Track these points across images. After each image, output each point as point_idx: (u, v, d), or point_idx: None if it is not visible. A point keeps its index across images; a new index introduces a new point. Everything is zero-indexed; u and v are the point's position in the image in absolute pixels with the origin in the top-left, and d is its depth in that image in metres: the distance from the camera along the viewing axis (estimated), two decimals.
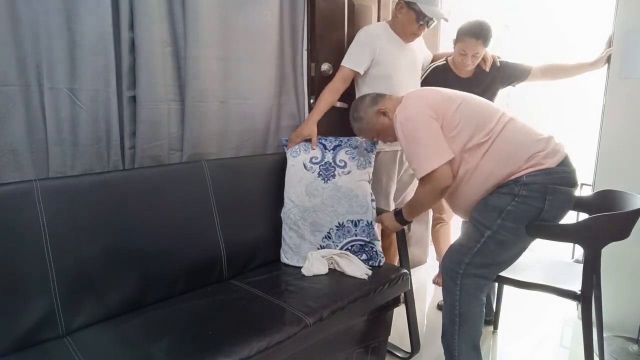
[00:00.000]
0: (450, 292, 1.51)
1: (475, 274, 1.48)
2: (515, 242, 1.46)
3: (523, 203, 1.40)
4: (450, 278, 1.50)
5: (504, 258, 1.50)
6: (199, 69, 1.69)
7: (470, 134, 1.46)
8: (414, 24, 1.91)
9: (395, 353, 1.89)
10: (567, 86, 4.09)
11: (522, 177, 1.40)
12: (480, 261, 1.47)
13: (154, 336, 1.26)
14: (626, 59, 1.91)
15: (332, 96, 1.93)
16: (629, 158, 1.95)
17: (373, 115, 1.66)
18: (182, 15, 1.64)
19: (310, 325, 1.35)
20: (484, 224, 1.45)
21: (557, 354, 1.97)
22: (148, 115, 1.60)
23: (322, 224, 1.77)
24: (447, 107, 1.49)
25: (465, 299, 1.48)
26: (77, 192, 1.35)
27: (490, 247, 1.45)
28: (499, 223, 1.42)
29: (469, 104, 1.53)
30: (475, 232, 1.48)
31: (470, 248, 1.47)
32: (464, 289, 1.48)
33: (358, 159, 1.83)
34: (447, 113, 1.48)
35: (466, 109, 1.50)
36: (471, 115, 1.49)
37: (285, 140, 1.93)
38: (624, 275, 2.00)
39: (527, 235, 1.44)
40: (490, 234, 1.44)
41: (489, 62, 2.12)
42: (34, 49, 1.36)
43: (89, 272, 1.34)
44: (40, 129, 1.41)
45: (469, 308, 1.48)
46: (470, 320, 1.49)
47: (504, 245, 1.45)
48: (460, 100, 1.52)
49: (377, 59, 1.94)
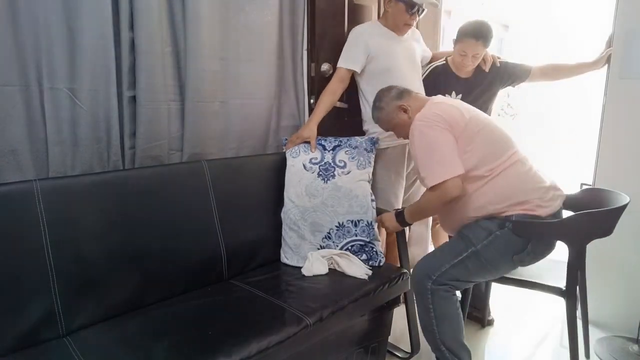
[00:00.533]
0: (422, 297, 1.51)
1: (445, 283, 1.48)
2: (491, 270, 1.50)
3: (510, 234, 1.44)
4: (421, 283, 1.50)
5: (476, 279, 1.55)
6: (199, 69, 1.69)
7: (474, 164, 1.46)
8: (404, 15, 1.91)
9: (395, 353, 1.89)
10: (567, 86, 4.09)
11: (512, 215, 1.44)
12: (455, 274, 1.48)
13: (154, 336, 1.26)
14: (626, 59, 1.91)
15: (331, 98, 1.94)
16: (629, 158, 1.95)
17: (394, 109, 1.65)
18: (182, 15, 1.64)
19: (310, 325, 1.35)
20: (471, 240, 1.48)
21: (557, 354, 1.97)
22: (148, 115, 1.60)
23: (322, 224, 1.77)
24: (464, 129, 1.47)
25: (437, 302, 1.48)
26: (77, 192, 1.35)
27: (469, 264, 1.47)
28: (485, 244, 1.45)
29: (486, 133, 1.51)
30: (459, 245, 1.50)
31: (450, 259, 1.49)
32: (435, 293, 1.48)
33: (358, 159, 1.83)
34: (463, 135, 1.47)
35: (482, 138, 1.49)
36: (484, 146, 1.48)
37: (285, 140, 1.93)
38: (624, 276, 2.00)
39: (504, 268, 1.50)
40: (474, 250, 1.46)
41: (488, 62, 2.12)
42: (34, 49, 1.36)
43: (89, 272, 1.34)
44: (40, 129, 1.41)
45: (442, 310, 1.49)
46: (446, 319, 1.50)
47: (482, 268, 1.48)
48: (481, 127, 1.50)
49: (372, 55, 1.94)
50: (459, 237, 1.54)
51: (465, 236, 1.50)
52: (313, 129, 1.88)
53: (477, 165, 1.47)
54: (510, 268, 1.51)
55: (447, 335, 1.50)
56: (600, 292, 1.75)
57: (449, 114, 1.50)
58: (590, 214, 1.43)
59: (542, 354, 1.95)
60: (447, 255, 1.51)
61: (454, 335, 1.51)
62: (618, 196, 1.52)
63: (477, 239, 1.46)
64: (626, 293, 2.00)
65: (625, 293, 2.00)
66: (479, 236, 1.46)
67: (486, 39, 1.99)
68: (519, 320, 2.24)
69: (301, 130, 1.90)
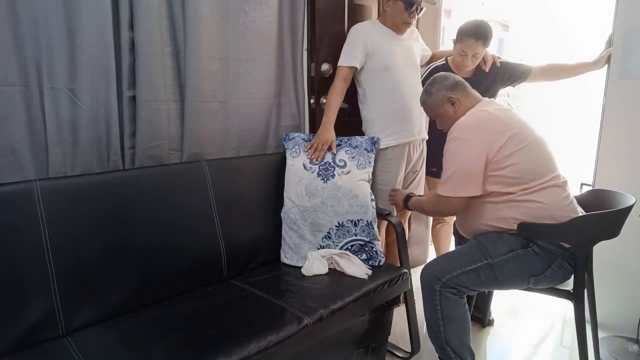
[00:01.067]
0: (430, 297, 1.51)
1: (454, 287, 1.48)
2: (503, 284, 1.48)
3: (532, 255, 1.42)
4: (430, 284, 1.50)
5: (485, 289, 1.55)
6: (199, 69, 1.69)
7: (512, 178, 1.43)
8: (403, 13, 1.91)
9: (395, 353, 1.89)
10: (567, 86, 4.09)
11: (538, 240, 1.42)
12: (465, 281, 1.47)
13: (154, 336, 1.26)
14: (626, 58, 1.91)
15: (339, 98, 1.94)
16: (629, 158, 1.95)
17: (443, 98, 1.60)
18: (182, 15, 1.63)
19: (310, 325, 1.35)
20: (489, 252, 1.46)
21: (557, 354, 1.97)
22: (148, 115, 1.60)
23: (321, 224, 1.77)
24: (505, 144, 1.42)
25: (445, 303, 1.48)
26: (77, 192, 1.35)
27: (481, 275, 1.46)
28: (503, 259, 1.43)
29: (529, 151, 1.45)
30: (476, 254, 1.48)
31: (463, 265, 1.47)
32: (443, 294, 1.48)
33: (358, 158, 1.83)
34: (502, 149, 1.42)
35: (524, 155, 1.44)
36: (525, 162, 1.43)
37: (286, 136, 1.93)
38: (624, 276, 2.00)
39: (517, 285, 1.48)
40: (491, 262, 1.45)
41: (488, 62, 2.12)
42: (34, 49, 1.36)
43: (89, 272, 1.34)
44: (40, 129, 1.41)
45: (450, 311, 1.48)
46: (453, 321, 1.49)
47: (494, 281, 1.47)
48: (525, 144, 1.44)
49: (371, 52, 1.93)
50: (477, 244, 1.52)
51: (483, 246, 1.48)
52: (332, 132, 1.88)
53: (514, 180, 1.43)
54: (523, 286, 1.49)
55: (453, 337, 1.50)
56: (600, 292, 1.75)
57: (492, 125, 1.47)
58: (596, 215, 1.41)
59: (542, 354, 1.95)
60: (460, 261, 1.49)
61: (460, 338, 1.50)
62: (624, 197, 1.51)
63: (496, 253, 1.45)
64: (626, 293, 1.99)
65: (625, 293, 2.00)
66: (499, 250, 1.45)
67: (486, 39, 1.99)
68: (519, 320, 2.24)
69: (322, 136, 1.86)
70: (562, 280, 1.50)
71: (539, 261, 1.42)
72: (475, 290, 1.53)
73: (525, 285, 1.49)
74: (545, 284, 1.48)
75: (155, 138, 1.64)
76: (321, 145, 1.85)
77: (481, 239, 1.51)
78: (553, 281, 1.48)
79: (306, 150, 1.86)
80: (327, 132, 1.87)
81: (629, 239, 1.76)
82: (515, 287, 1.52)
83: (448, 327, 1.49)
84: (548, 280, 1.46)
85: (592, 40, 2.33)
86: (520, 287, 1.52)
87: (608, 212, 1.44)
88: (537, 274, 1.44)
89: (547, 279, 1.45)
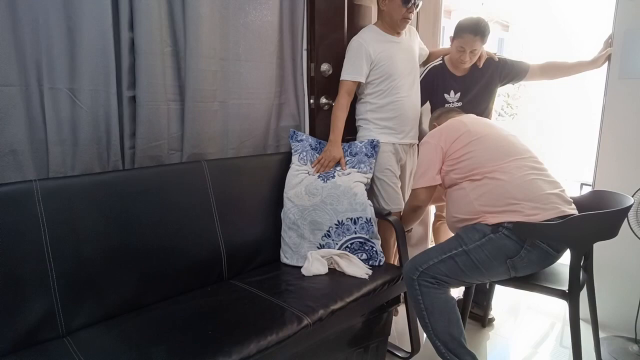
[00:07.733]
0: (410, 288, 1.54)
1: (433, 276, 1.50)
2: (484, 271, 1.49)
3: (504, 238, 1.45)
4: (408, 275, 1.54)
5: (471, 279, 1.54)
6: (199, 69, 1.69)
7: (471, 168, 1.57)
8: (401, 9, 1.91)
9: (396, 353, 1.89)
10: (567, 86, 4.09)
11: (504, 222, 1.46)
12: (443, 269, 1.50)
13: (154, 336, 1.26)
14: (626, 58, 1.91)
15: (344, 113, 1.97)
16: (629, 158, 1.95)
17: (430, 125, 1.97)
18: (182, 15, 1.64)
19: (310, 325, 1.35)
20: (464, 240, 1.51)
21: (557, 354, 1.97)
22: (148, 116, 1.60)
23: (321, 223, 1.77)
24: (459, 137, 1.63)
25: (425, 292, 1.51)
26: (77, 192, 1.35)
27: (459, 262, 1.49)
28: (477, 244, 1.48)
29: (485, 141, 1.61)
30: (452, 243, 1.54)
31: (439, 254, 1.52)
32: (422, 284, 1.51)
33: (359, 166, 1.88)
34: (454, 146, 1.63)
35: (480, 145, 1.60)
36: (481, 152, 1.59)
37: (293, 134, 1.96)
38: (624, 276, 2.00)
39: (498, 271, 1.49)
40: (465, 249, 1.49)
41: (482, 59, 2.13)
42: (34, 49, 1.36)
43: (89, 272, 1.34)
44: (40, 129, 1.41)
45: (432, 301, 1.50)
46: (436, 310, 1.50)
47: (474, 268, 1.48)
48: (480, 135, 1.62)
49: (375, 62, 1.95)
50: (454, 237, 1.57)
51: (459, 236, 1.54)
52: (340, 148, 1.93)
53: (473, 166, 1.57)
54: (505, 272, 1.50)
55: (439, 327, 1.50)
56: (600, 292, 1.75)
57: (448, 126, 1.71)
58: (593, 215, 1.41)
59: (542, 354, 1.96)
60: (437, 251, 1.54)
61: (447, 329, 1.50)
62: (623, 198, 1.50)
63: (470, 240, 1.49)
64: (626, 293, 2.00)
65: (625, 293, 2.00)
66: (472, 237, 1.49)
67: (484, 35, 1.99)
68: (519, 320, 2.24)
69: (330, 152, 1.92)
70: (542, 261, 1.49)
71: (510, 243, 1.45)
72: (457, 280, 1.52)
73: (506, 271, 1.49)
74: (524, 266, 1.48)
75: (155, 138, 1.64)
76: (328, 162, 1.90)
77: (459, 231, 1.57)
78: (532, 262, 1.48)
79: (313, 165, 1.91)
80: (335, 149, 1.91)
81: (629, 239, 1.76)
82: (498, 275, 1.53)
83: (432, 317, 1.51)
84: (525, 261, 1.46)
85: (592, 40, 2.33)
86: (503, 275, 1.52)
87: (603, 213, 1.44)
88: (512, 255, 1.46)
89: (523, 260, 1.46)
